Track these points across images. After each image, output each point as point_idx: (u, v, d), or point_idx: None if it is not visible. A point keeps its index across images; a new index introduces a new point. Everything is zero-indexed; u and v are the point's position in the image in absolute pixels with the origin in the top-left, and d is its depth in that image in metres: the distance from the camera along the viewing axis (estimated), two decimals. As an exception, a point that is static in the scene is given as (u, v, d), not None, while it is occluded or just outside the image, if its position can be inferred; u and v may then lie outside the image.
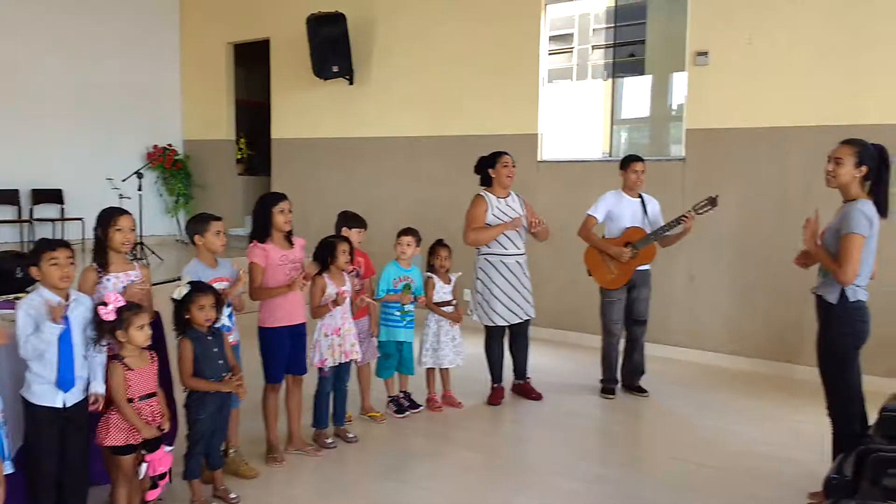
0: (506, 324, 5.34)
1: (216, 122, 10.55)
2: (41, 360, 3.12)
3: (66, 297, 3.19)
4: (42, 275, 3.16)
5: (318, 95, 9.07)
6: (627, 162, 5.54)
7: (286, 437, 4.42)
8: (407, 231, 5.07)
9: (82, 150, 9.67)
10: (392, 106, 8.51)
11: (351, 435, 4.63)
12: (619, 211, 5.48)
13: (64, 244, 3.22)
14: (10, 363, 3.23)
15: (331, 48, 8.51)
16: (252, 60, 10.30)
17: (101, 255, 3.51)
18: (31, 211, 9.33)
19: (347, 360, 4.51)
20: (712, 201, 5.28)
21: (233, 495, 3.74)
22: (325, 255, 4.39)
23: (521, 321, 5.38)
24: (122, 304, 3.25)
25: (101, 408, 3.27)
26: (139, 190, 9.17)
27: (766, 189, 6.26)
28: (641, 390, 5.63)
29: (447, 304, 5.17)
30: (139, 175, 9.33)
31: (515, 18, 7.52)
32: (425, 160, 8.25)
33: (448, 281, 5.19)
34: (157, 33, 10.55)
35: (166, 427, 3.37)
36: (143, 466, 3.28)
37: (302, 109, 9.35)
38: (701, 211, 5.29)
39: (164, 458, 3.31)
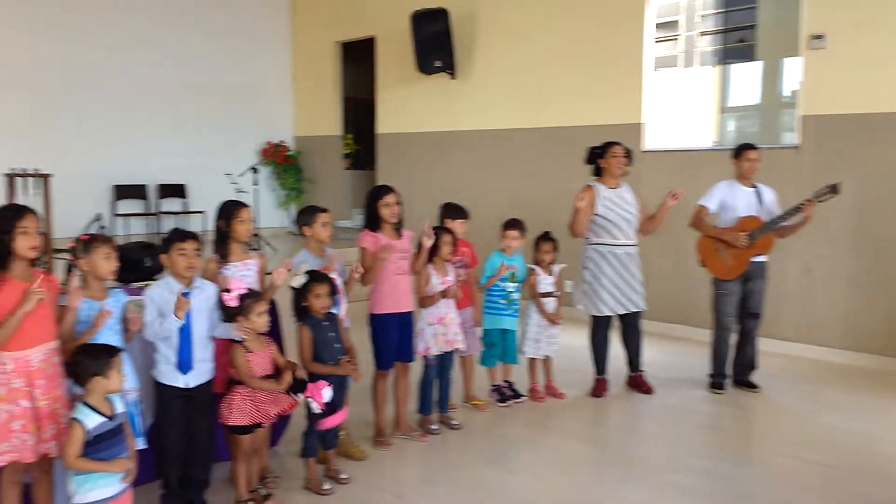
0: (611, 314, 5.28)
1: (325, 119, 10.89)
2: (167, 343, 3.33)
3: (190, 285, 3.39)
4: (170, 263, 3.36)
5: (421, 90, 9.21)
6: (741, 150, 5.37)
7: (393, 422, 4.56)
8: (513, 224, 5.06)
9: (203, 148, 10.21)
10: (494, 99, 8.54)
11: (455, 422, 4.71)
12: (733, 201, 5.32)
13: (193, 236, 3.41)
14: (144, 346, 3.46)
15: (433, 44, 8.61)
16: (358, 58, 10.52)
17: (223, 245, 3.70)
18: (157, 204, 9.91)
19: (451, 350, 4.59)
20: (833, 189, 5.05)
21: (343, 475, 3.88)
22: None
23: (628, 312, 5.32)
24: (244, 291, 3.44)
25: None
26: (254, 184, 9.63)
27: (888, 177, 5.93)
28: (752, 385, 5.46)
29: (549, 295, 5.18)
30: (254, 170, 9.82)
31: (619, 8, 7.40)
32: (527, 152, 8.24)
33: (551, 272, 5.20)
34: (270, 36, 11.02)
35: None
36: (301, 396, 3.58)
37: (405, 104, 9.52)
38: (822, 199, 5.08)
39: (325, 391, 3.60)
